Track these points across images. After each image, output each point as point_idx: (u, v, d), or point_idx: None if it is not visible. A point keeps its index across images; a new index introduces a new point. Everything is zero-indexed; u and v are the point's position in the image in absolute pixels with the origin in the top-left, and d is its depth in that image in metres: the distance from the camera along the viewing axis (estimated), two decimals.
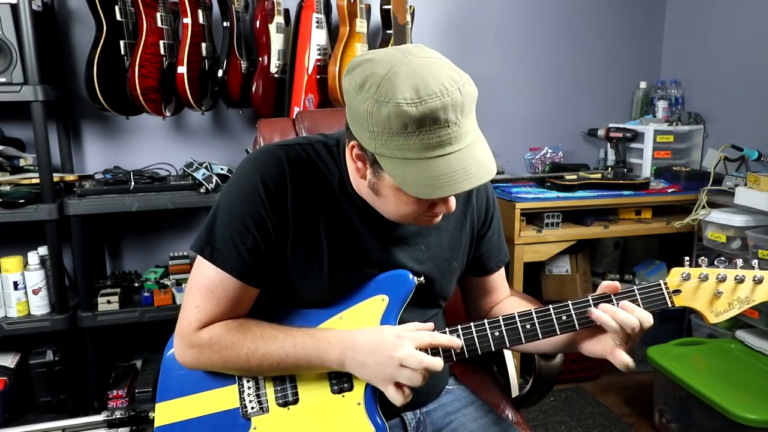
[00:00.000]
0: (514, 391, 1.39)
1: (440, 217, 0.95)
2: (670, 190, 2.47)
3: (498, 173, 2.65)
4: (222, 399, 1.03)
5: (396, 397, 0.91)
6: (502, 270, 1.20)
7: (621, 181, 2.47)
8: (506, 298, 1.21)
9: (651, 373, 2.24)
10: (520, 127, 2.80)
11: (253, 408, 1.01)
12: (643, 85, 2.87)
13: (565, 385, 2.49)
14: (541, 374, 1.29)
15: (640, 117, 2.85)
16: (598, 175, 2.49)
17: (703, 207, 2.32)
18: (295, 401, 1.00)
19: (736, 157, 2.51)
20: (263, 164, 0.96)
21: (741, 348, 2.10)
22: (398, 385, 0.92)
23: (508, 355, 1.43)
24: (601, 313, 0.91)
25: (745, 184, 2.18)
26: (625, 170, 2.59)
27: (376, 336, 0.94)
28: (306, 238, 0.98)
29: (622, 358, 0.90)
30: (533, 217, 2.34)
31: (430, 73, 0.80)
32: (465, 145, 0.82)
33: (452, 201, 0.90)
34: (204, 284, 0.96)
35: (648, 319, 0.89)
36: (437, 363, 0.90)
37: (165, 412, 1.05)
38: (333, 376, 1.00)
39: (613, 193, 2.41)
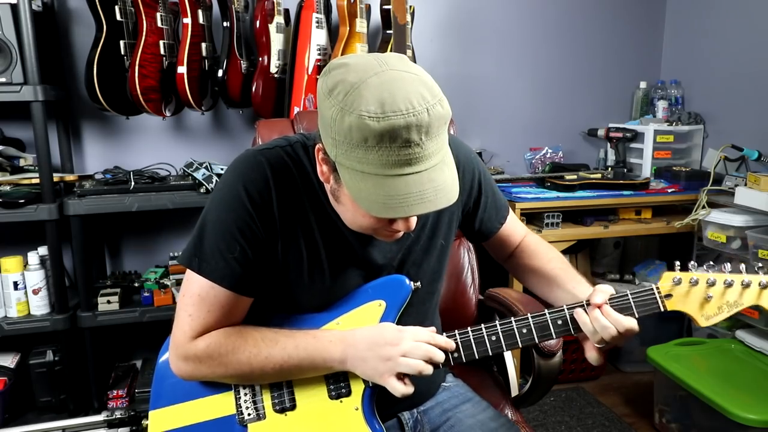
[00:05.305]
0: (514, 391, 1.39)
1: (400, 233, 0.93)
2: (670, 190, 2.47)
3: (498, 173, 2.65)
4: (218, 406, 1.02)
5: (398, 388, 0.92)
6: (509, 219, 1.19)
7: (621, 181, 2.46)
8: (523, 241, 1.20)
9: (651, 373, 2.24)
10: (520, 127, 2.80)
11: (249, 415, 1.00)
12: (643, 85, 2.87)
13: (565, 385, 2.49)
14: (541, 373, 1.29)
15: (640, 117, 2.85)
16: (598, 175, 2.49)
17: (703, 207, 2.32)
18: (293, 407, 1.00)
19: (736, 157, 2.51)
20: (245, 172, 0.94)
21: (741, 348, 2.10)
22: (399, 377, 0.92)
23: (507, 355, 1.43)
24: (586, 318, 0.93)
25: (745, 184, 2.18)
26: (625, 170, 2.60)
27: (376, 332, 0.95)
28: (297, 241, 0.97)
29: (592, 355, 0.96)
30: (533, 217, 2.34)
31: (400, 88, 0.77)
32: (426, 167, 0.79)
33: (413, 220, 0.88)
34: (195, 292, 0.95)
35: (632, 326, 0.90)
36: (438, 354, 0.92)
37: (159, 420, 1.04)
38: (331, 381, 0.99)
39: (613, 193, 2.41)
